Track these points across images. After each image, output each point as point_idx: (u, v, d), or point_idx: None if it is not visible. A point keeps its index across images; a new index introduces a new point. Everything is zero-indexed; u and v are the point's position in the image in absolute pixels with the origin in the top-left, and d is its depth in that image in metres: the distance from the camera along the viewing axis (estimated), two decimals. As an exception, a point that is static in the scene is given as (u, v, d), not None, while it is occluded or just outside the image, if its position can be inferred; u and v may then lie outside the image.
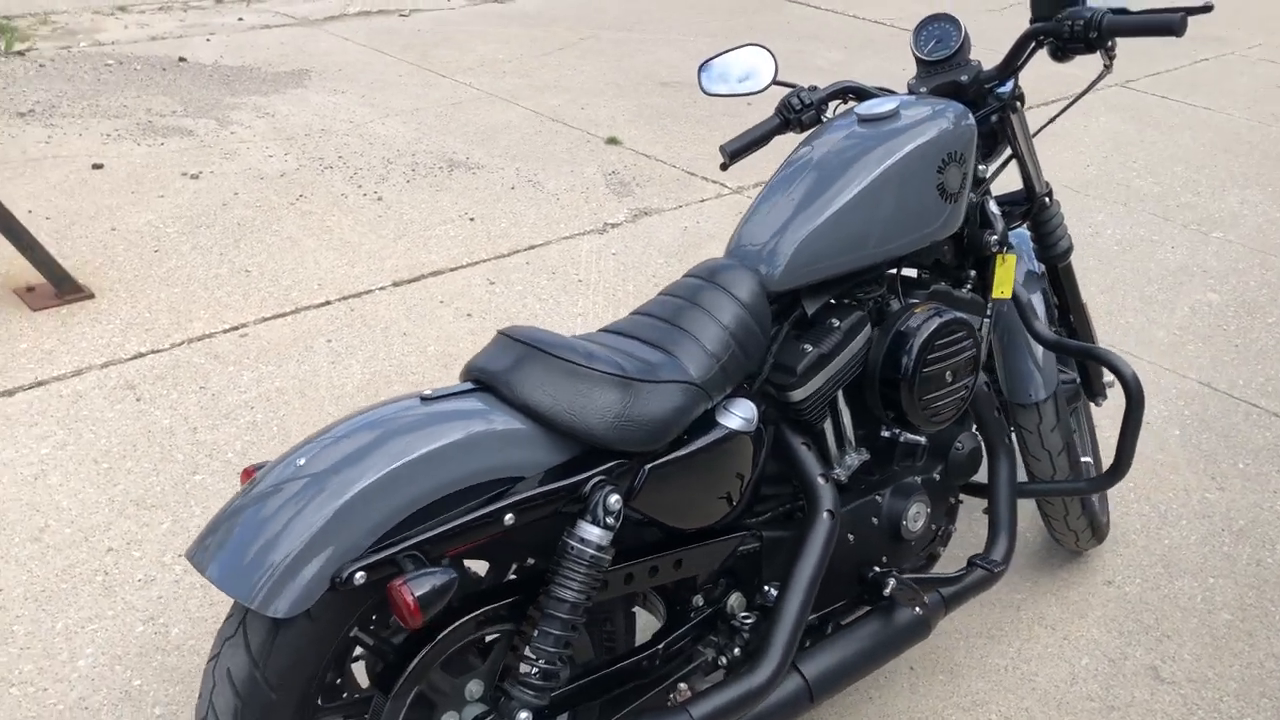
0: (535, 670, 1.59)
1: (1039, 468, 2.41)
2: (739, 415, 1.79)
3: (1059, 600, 2.56)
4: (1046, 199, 2.33)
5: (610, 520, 1.60)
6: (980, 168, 2.16)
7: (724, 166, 2.26)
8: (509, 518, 1.54)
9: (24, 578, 2.34)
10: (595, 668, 1.76)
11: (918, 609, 2.00)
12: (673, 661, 1.86)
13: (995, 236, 2.16)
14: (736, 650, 1.90)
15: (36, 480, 2.63)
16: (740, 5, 8.22)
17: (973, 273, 2.22)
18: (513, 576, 1.75)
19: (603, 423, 1.62)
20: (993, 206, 2.20)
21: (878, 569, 2.05)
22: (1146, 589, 2.60)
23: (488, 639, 1.68)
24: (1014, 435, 2.41)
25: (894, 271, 2.09)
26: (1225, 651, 2.42)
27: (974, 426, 2.25)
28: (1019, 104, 2.18)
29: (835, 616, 2.07)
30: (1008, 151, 2.27)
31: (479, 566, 1.73)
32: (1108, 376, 2.66)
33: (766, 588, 1.93)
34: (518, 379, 1.64)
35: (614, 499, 1.60)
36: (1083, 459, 2.77)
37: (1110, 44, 2.06)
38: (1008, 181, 2.60)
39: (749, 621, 1.91)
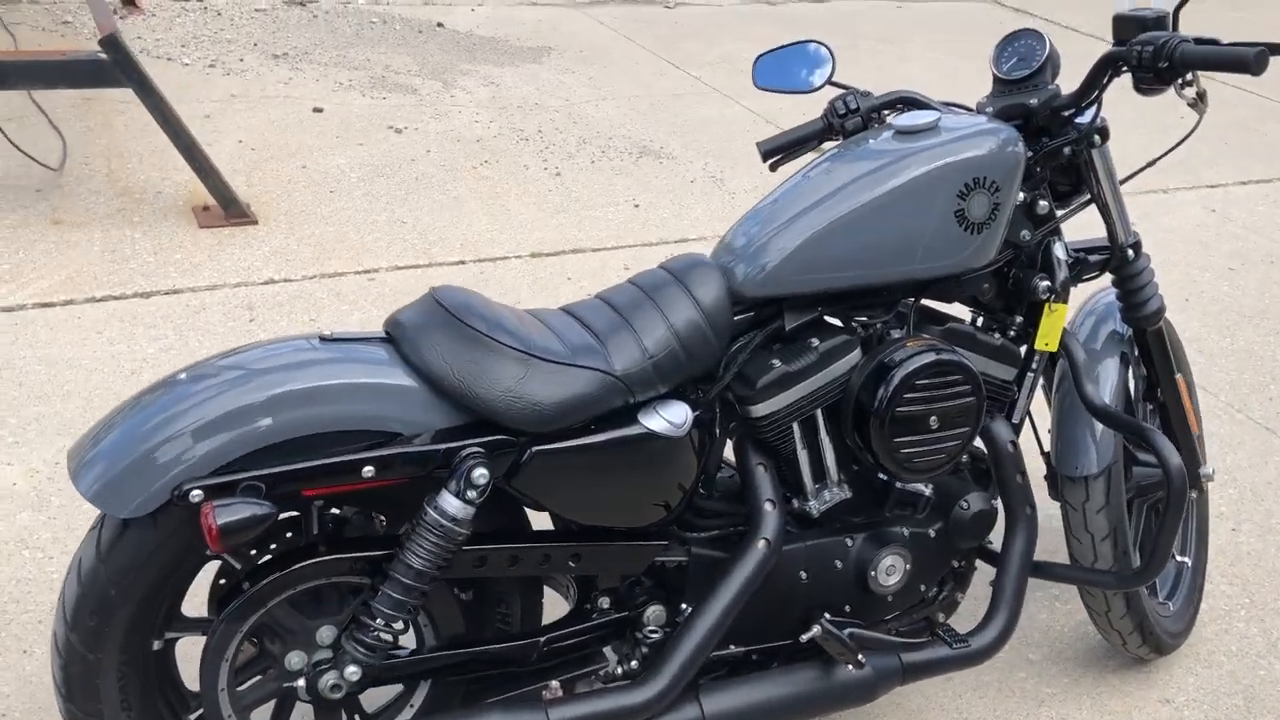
0: (372, 628, 1.57)
1: (1079, 551, 2.14)
2: (663, 417, 1.69)
3: (1094, 706, 2.25)
4: (1131, 251, 2.06)
5: (472, 494, 1.55)
6: (1043, 203, 1.94)
7: (773, 168, 2.15)
8: (368, 470, 1.53)
9: (80, 457, 2.56)
10: (464, 644, 1.72)
11: (852, 667, 1.82)
12: (563, 658, 1.79)
13: (1047, 283, 1.93)
14: (634, 664, 1.80)
15: (132, 375, 2.86)
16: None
17: (1019, 319, 2.00)
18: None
19: (489, 393, 1.58)
20: (1059, 251, 1.97)
21: (829, 615, 1.88)
22: (1212, 718, 2.25)
23: (359, 589, 1.67)
24: (1061, 510, 2.15)
25: (912, 300, 1.91)
26: (1278, 811, 2.06)
27: (991, 488, 2.02)
28: (1098, 138, 1.93)
29: (781, 656, 1.92)
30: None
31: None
32: (1207, 468, 2.33)
33: (685, 606, 1.82)
34: (419, 337, 1.62)
35: (479, 473, 1.55)
36: (1178, 558, 2.45)
37: (1189, 79, 1.79)
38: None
39: (654, 637, 1.80)
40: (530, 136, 4.78)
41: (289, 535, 1.70)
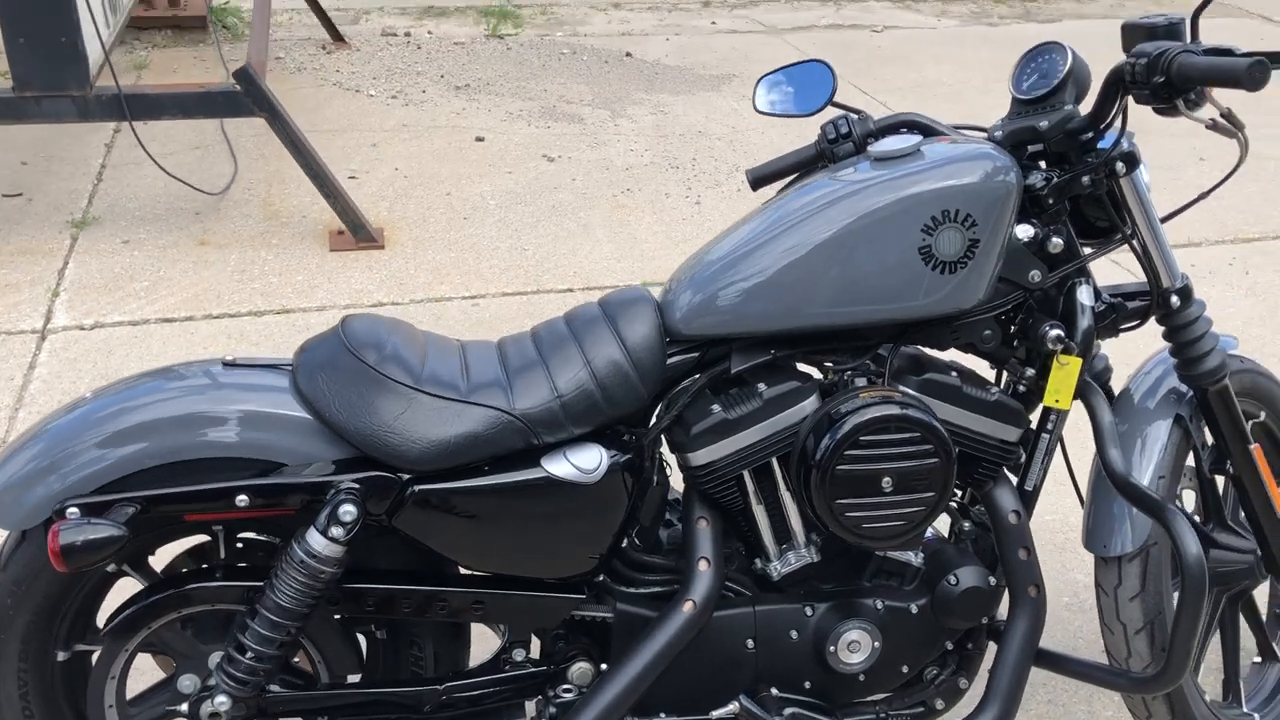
0: (240, 661, 1.54)
1: (1112, 644, 1.85)
2: (570, 462, 1.59)
3: (1140, 827, 1.93)
4: (1177, 297, 1.77)
5: (337, 531, 1.49)
6: (1057, 240, 1.69)
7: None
8: (241, 499, 1.51)
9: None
10: (364, 684, 1.67)
11: (784, 754, 1.63)
12: (476, 708, 1.70)
13: (1057, 332, 1.68)
14: (544, 724, 1.69)
15: (220, 390, 3.00)
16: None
17: (1030, 372, 1.75)
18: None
19: (366, 428, 1.53)
20: (1083, 295, 1.73)
21: (780, 693, 1.71)
22: None
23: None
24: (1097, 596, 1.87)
25: (892, 345, 1.71)
26: None
27: (996, 565, 1.77)
28: (1122, 166, 1.66)
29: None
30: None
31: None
32: (1305, 557, 1.96)
33: (604, 667, 1.69)
34: (311, 366, 1.59)
35: (347, 509, 1.49)
36: (1254, 659, 2.09)
37: (1193, 96, 1.51)
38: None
39: (566, 697, 1.68)
40: (682, 164, 4.71)
41: (223, 558, 1.71)
